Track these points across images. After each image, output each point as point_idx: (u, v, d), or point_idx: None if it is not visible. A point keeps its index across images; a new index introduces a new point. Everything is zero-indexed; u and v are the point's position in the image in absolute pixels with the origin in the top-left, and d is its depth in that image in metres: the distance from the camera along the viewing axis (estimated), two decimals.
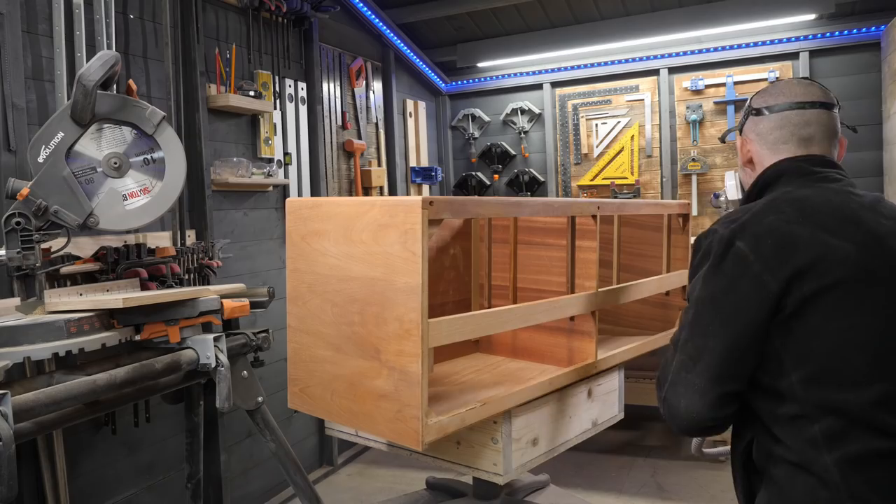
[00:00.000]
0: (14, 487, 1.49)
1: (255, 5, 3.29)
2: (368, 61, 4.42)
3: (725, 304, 1.27)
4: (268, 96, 3.43)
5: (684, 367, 1.31)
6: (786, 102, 1.42)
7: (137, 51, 2.78)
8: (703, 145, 4.65)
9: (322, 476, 3.83)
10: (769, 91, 1.47)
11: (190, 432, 2.45)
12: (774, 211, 1.29)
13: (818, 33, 4.31)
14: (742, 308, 1.25)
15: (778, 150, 1.42)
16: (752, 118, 1.47)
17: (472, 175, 5.31)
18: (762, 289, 1.24)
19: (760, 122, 1.45)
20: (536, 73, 5.08)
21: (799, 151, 1.40)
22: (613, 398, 2.36)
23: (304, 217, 1.88)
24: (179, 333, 2.00)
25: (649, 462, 3.83)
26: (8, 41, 2.23)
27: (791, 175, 1.38)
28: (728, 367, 1.26)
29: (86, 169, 2.00)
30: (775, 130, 1.42)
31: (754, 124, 1.46)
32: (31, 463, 2.23)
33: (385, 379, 1.65)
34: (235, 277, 3.16)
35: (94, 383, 1.72)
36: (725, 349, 1.26)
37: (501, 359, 2.41)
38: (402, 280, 1.59)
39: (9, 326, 1.73)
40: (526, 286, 2.40)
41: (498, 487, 2.14)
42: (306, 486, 2.35)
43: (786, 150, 1.41)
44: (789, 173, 1.38)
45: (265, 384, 2.53)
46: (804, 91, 1.43)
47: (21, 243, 1.87)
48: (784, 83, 1.47)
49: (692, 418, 1.29)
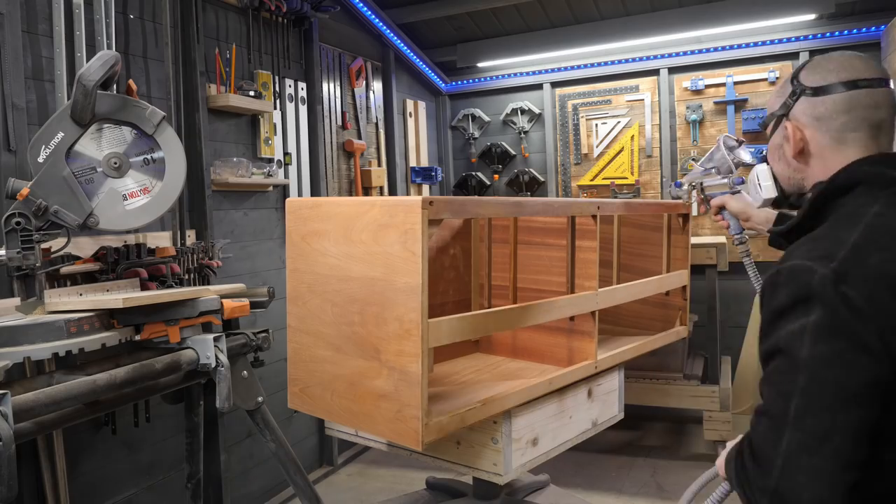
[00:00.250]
0: (14, 487, 1.49)
1: (255, 5, 3.29)
2: (368, 61, 4.42)
3: (853, 371, 1.00)
4: (268, 96, 3.43)
5: (806, 448, 1.00)
6: (851, 79, 1.18)
7: (137, 51, 2.78)
8: (703, 145, 4.65)
9: (322, 476, 3.83)
10: (824, 66, 1.22)
11: (190, 432, 2.45)
12: (877, 247, 1.05)
13: (818, 33, 4.31)
14: (874, 373, 0.99)
15: (845, 140, 1.19)
16: (807, 99, 1.22)
17: (472, 175, 5.31)
18: (888, 351, 0.99)
19: (820, 103, 1.20)
20: (536, 73, 5.08)
21: (871, 144, 1.18)
22: (613, 398, 2.36)
23: (304, 217, 1.88)
24: (179, 333, 2.00)
25: (649, 462, 3.83)
26: (8, 41, 2.23)
27: (871, 185, 1.13)
28: (863, 449, 1.00)
29: (86, 169, 2.00)
30: (842, 115, 1.18)
31: (811, 107, 1.22)
32: (31, 463, 2.23)
33: (385, 379, 1.65)
34: (235, 277, 3.16)
35: (94, 383, 1.72)
36: (860, 427, 0.99)
37: (501, 359, 2.41)
38: (402, 280, 1.59)
39: (9, 326, 1.73)
40: (526, 286, 2.40)
41: (498, 487, 2.14)
42: (306, 486, 2.35)
43: (854, 140, 1.18)
44: (867, 182, 1.14)
45: (265, 384, 2.53)
46: (866, 66, 1.20)
47: (21, 243, 1.87)
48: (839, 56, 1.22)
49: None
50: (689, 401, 3.76)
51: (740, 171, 1.89)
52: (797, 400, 1.02)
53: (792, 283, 1.06)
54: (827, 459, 0.99)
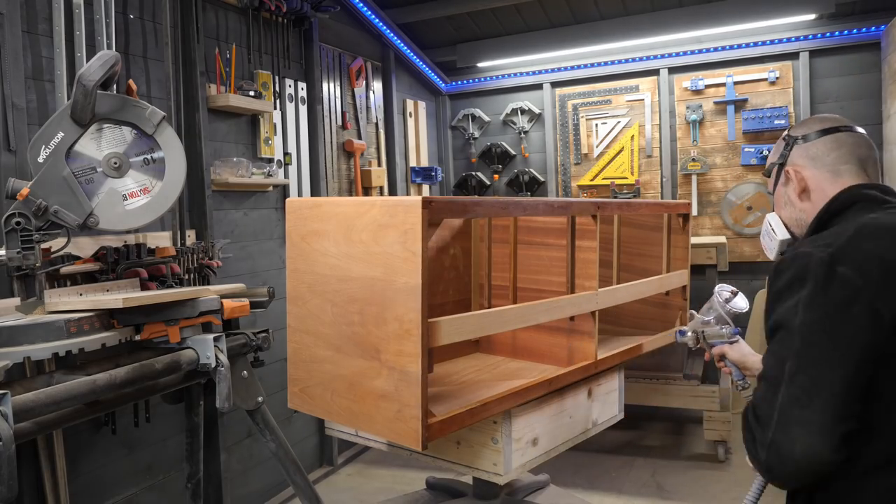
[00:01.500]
0: (14, 487, 1.49)
1: (255, 5, 3.29)
2: (368, 61, 4.42)
3: (841, 331, 1.14)
4: (268, 96, 3.43)
5: (797, 402, 1.13)
6: (833, 126, 1.40)
7: (137, 51, 2.78)
8: (703, 145, 4.65)
9: (322, 476, 3.83)
10: (808, 122, 1.46)
11: (190, 432, 2.45)
12: (871, 237, 1.20)
13: (818, 33, 4.31)
14: (859, 337, 1.13)
15: (839, 171, 1.36)
16: (800, 146, 1.42)
17: (472, 175, 5.31)
18: (877, 318, 1.13)
19: (812, 147, 1.40)
20: (536, 73, 5.08)
21: (860, 175, 1.36)
22: (613, 398, 2.36)
23: (304, 217, 1.88)
24: (179, 333, 2.00)
25: (649, 462, 3.83)
26: (8, 41, 2.23)
27: (866, 203, 1.30)
28: (851, 402, 1.12)
29: (86, 169, 2.00)
30: (832, 151, 1.38)
31: (805, 150, 1.41)
32: (31, 463, 2.23)
33: (385, 379, 1.65)
34: (235, 277, 3.16)
35: (94, 383, 1.72)
36: (848, 381, 1.12)
37: (501, 359, 2.41)
38: (401, 280, 1.59)
39: (9, 326, 1.73)
40: (526, 286, 2.40)
41: (498, 487, 2.15)
42: (306, 486, 2.35)
43: (848, 171, 1.36)
44: (864, 201, 1.31)
45: (265, 384, 2.53)
46: (840, 119, 1.43)
47: (21, 243, 1.87)
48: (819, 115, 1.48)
49: (811, 462, 1.11)
50: (689, 401, 3.76)
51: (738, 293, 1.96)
52: (791, 362, 1.16)
53: (792, 267, 1.21)
54: (817, 412, 1.12)
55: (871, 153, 1.39)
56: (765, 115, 4.42)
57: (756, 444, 1.18)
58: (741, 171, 4.55)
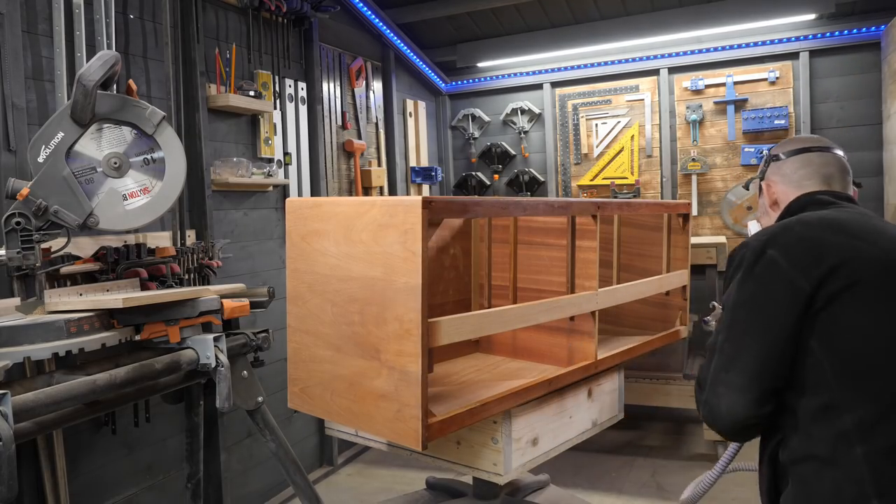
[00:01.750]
0: (14, 487, 1.49)
1: (255, 5, 3.29)
2: (368, 61, 4.42)
3: (759, 305, 1.34)
4: (268, 96, 3.43)
5: (723, 367, 1.36)
6: (805, 146, 1.58)
7: (137, 51, 2.78)
8: (703, 145, 4.65)
9: (322, 476, 3.83)
10: (786, 142, 1.64)
11: (190, 432, 2.45)
12: (802, 224, 1.39)
13: (818, 33, 4.31)
14: (776, 308, 1.32)
15: (802, 186, 1.54)
16: (775, 163, 1.61)
17: (472, 175, 5.31)
18: (794, 288, 1.30)
19: (783, 165, 1.59)
20: (536, 73, 5.08)
21: (822, 187, 1.53)
22: (613, 398, 2.36)
23: (304, 217, 1.88)
24: (179, 333, 2.00)
25: (649, 462, 3.83)
26: (8, 41, 2.23)
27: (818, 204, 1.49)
28: (767, 364, 1.31)
29: (86, 169, 2.00)
30: (799, 170, 1.56)
31: (777, 168, 1.60)
32: (31, 463, 2.23)
33: (385, 379, 1.65)
34: (235, 277, 3.16)
35: (94, 383, 1.72)
36: (763, 346, 1.32)
37: (501, 359, 2.41)
38: (401, 280, 1.59)
39: (9, 326, 1.73)
40: (526, 286, 2.40)
41: (498, 487, 2.14)
42: (306, 486, 2.35)
43: (809, 185, 1.54)
44: (815, 203, 1.49)
45: (265, 384, 2.53)
46: (818, 140, 1.61)
47: (21, 243, 1.87)
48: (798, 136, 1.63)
49: (734, 417, 1.33)
50: (689, 401, 3.76)
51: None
52: (722, 334, 1.39)
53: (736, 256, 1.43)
54: (737, 375, 1.33)
55: (839, 172, 1.54)
56: (765, 115, 4.42)
57: (698, 403, 1.43)
58: (741, 171, 4.55)
